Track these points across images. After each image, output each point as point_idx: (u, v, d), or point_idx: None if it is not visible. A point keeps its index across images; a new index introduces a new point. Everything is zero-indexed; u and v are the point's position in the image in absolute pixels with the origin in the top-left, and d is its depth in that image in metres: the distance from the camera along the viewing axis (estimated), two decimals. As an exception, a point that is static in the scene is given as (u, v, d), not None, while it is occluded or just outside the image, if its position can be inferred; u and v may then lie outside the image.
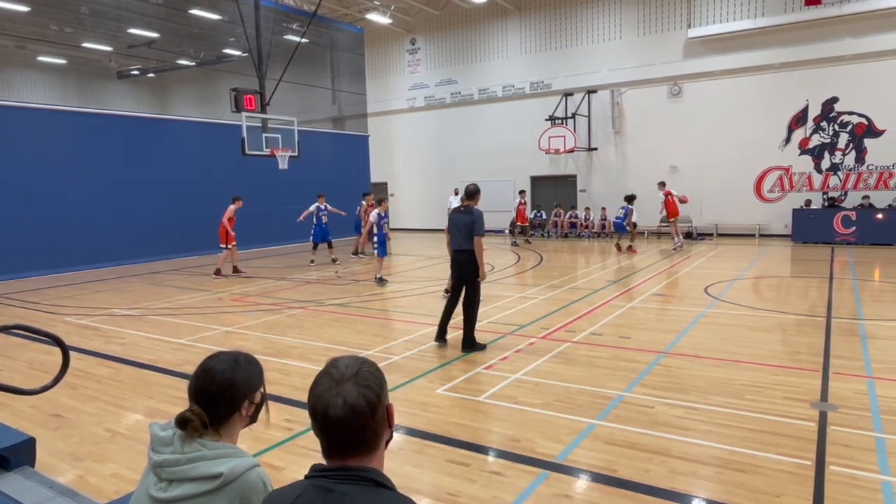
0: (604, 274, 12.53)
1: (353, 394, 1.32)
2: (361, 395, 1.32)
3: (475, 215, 6.77)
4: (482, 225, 6.77)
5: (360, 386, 1.33)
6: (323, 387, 1.34)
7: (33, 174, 13.92)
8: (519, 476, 3.86)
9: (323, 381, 1.36)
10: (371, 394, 1.34)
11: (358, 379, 1.35)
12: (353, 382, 1.33)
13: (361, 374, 1.36)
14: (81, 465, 4.20)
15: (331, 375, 1.36)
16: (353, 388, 1.32)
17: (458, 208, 7.09)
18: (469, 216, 6.80)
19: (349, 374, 1.35)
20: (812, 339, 7.06)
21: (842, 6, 16.95)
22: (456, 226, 6.89)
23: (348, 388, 1.32)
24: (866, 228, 16.62)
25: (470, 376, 5.93)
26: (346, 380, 1.34)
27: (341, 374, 1.35)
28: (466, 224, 6.77)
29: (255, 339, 7.68)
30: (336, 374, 1.35)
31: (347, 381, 1.34)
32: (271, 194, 18.50)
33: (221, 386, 1.75)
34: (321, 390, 1.34)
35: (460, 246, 6.85)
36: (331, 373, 1.37)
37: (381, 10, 23.50)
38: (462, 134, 24.43)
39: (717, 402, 5.03)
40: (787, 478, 3.73)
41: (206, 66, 26.17)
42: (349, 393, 1.32)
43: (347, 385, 1.33)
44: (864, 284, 10.82)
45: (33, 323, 6.91)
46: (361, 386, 1.33)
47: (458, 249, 6.88)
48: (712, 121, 19.23)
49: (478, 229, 6.71)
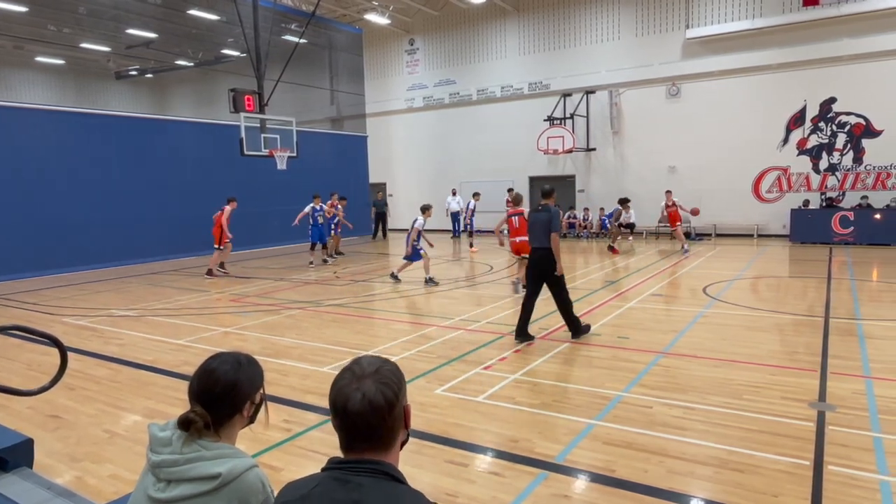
0: (602, 274, 12.54)
1: (372, 390, 1.37)
2: (380, 391, 1.38)
3: (552, 213, 7.15)
4: (559, 222, 7.18)
5: (379, 383, 1.39)
6: (344, 381, 1.40)
7: (31, 175, 13.90)
8: (517, 476, 3.86)
9: (345, 375, 1.42)
10: (389, 391, 1.39)
11: (378, 376, 1.40)
12: (373, 379, 1.39)
13: (382, 371, 1.42)
14: (80, 465, 4.19)
15: (353, 371, 1.42)
16: (372, 385, 1.38)
17: (535, 207, 7.40)
18: (547, 213, 7.15)
19: (370, 371, 1.41)
20: (810, 339, 7.07)
21: (840, 7, 16.98)
22: (534, 224, 7.20)
23: (368, 384, 1.38)
24: (864, 229, 16.65)
25: (468, 377, 5.93)
26: (367, 376, 1.40)
27: (363, 371, 1.41)
28: (544, 221, 7.09)
29: (254, 340, 7.68)
30: (358, 371, 1.41)
31: (368, 378, 1.39)
32: (270, 195, 18.48)
33: (225, 387, 1.75)
34: (342, 384, 1.40)
35: (539, 244, 7.14)
36: (353, 369, 1.43)
37: (380, 11, 23.50)
38: (461, 134, 24.43)
39: (716, 402, 5.04)
40: (786, 478, 3.73)
41: (204, 66, 26.16)
42: (368, 388, 1.37)
43: (367, 381, 1.38)
44: (862, 284, 10.84)
45: (31, 324, 6.91)
46: (381, 383, 1.39)
47: (535, 247, 7.19)
48: (711, 121, 19.25)
49: (555, 226, 7.06)
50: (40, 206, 13.99)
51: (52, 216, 14.20)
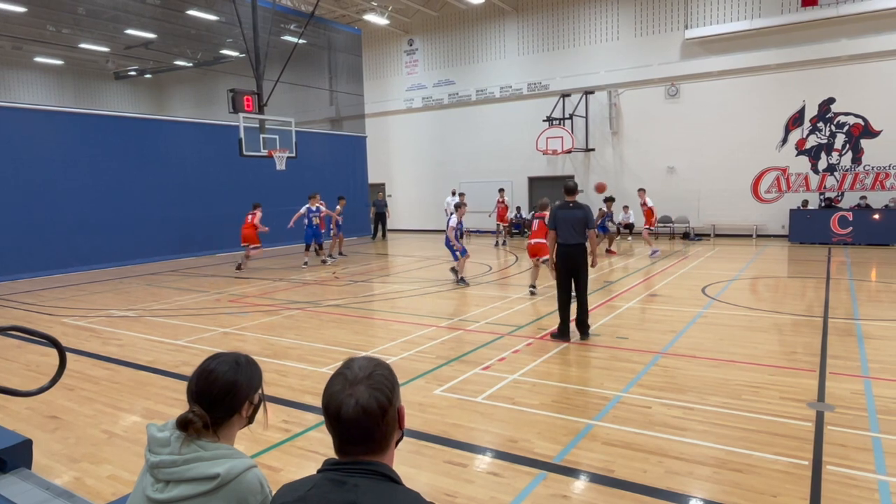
0: (601, 274, 12.54)
1: (365, 396, 1.36)
2: (373, 397, 1.37)
3: (586, 210, 7.29)
4: (594, 218, 7.41)
5: (372, 388, 1.38)
6: (337, 387, 1.39)
7: (30, 175, 13.89)
8: (516, 477, 3.87)
9: (337, 381, 1.40)
10: (382, 396, 1.38)
11: (370, 381, 1.39)
12: (365, 385, 1.38)
13: (374, 376, 1.40)
14: (78, 466, 4.19)
15: (345, 376, 1.40)
16: (365, 391, 1.37)
17: (565, 204, 7.35)
18: (582, 211, 7.24)
19: (362, 377, 1.39)
20: (809, 339, 7.07)
21: (838, 7, 17.00)
22: (568, 221, 7.20)
23: (361, 390, 1.37)
24: (863, 229, 16.66)
25: (467, 377, 5.93)
26: (359, 381, 1.38)
27: (355, 376, 1.40)
28: (580, 218, 7.18)
29: (253, 341, 7.67)
30: (350, 376, 1.40)
31: (360, 384, 1.38)
32: (268, 195, 18.45)
33: (224, 387, 1.75)
34: (335, 390, 1.39)
35: (573, 240, 7.18)
36: (345, 374, 1.41)
37: (379, 11, 23.51)
38: (460, 135, 24.43)
39: (714, 402, 5.04)
40: (784, 478, 3.74)
41: (203, 66, 26.18)
42: (361, 395, 1.36)
43: (360, 387, 1.37)
44: (861, 285, 10.85)
45: (30, 324, 6.91)
46: (374, 389, 1.38)
47: (570, 244, 7.19)
48: (709, 121, 19.26)
49: (592, 223, 7.29)
50: (39, 206, 13.98)
51: (50, 216, 14.19)
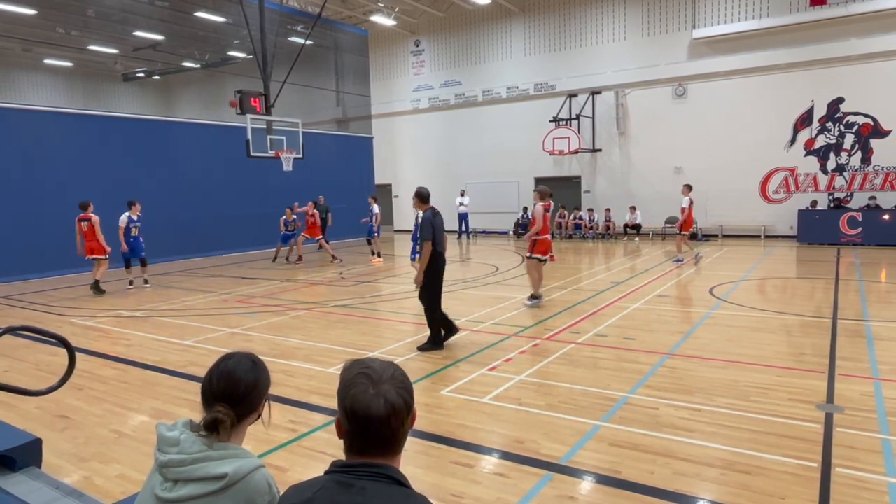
0: (608, 275, 12.51)
1: (393, 394, 1.37)
2: (401, 396, 1.38)
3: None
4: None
5: (397, 387, 1.39)
6: (362, 387, 1.37)
7: (40, 176, 13.99)
8: (523, 477, 3.86)
9: (360, 381, 1.39)
10: (407, 395, 1.40)
11: (395, 381, 1.40)
12: (390, 384, 1.39)
13: (396, 376, 1.42)
14: (87, 465, 4.22)
15: (368, 376, 1.39)
16: (392, 389, 1.38)
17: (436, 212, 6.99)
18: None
19: (386, 377, 1.40)
20: (818, 340, 7.03)
21: (847, 6, 16.90)
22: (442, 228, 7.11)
23: (387, 388, 1.37)
24: (872, 229, 16.54)
25: (474, 378, 5.93)
26: (385, 381, 1.39)
27: (379, 376, 1.39)
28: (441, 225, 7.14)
29: (260, 341, 7.70)
30: (374, 376, 1.39)
31: (386, 382, 1.38)
32: (275, 196, 18.53)
33: (247, 387, 1.79)
34: (359, 391, 1.37)
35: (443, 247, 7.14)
36: (367, 374, 1.40)
37: (385, 12, 23.54)
38: (466, 135, 24.43)
39: (722, 403, 5.02)
40: (793, 480, 3.71)
41: (211, 68, 26.28)
42: (389, 392, 1.37)
43: (386, 386, 1.38)
44: (871, 286, 10.77)
45: (39, 324, 6.96)
46: (399, 387, 1.39)
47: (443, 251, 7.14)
48: (717, 122, 19.19)
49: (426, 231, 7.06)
50: (48, 207, 14.07)
51: (59, 217, 14.25)
